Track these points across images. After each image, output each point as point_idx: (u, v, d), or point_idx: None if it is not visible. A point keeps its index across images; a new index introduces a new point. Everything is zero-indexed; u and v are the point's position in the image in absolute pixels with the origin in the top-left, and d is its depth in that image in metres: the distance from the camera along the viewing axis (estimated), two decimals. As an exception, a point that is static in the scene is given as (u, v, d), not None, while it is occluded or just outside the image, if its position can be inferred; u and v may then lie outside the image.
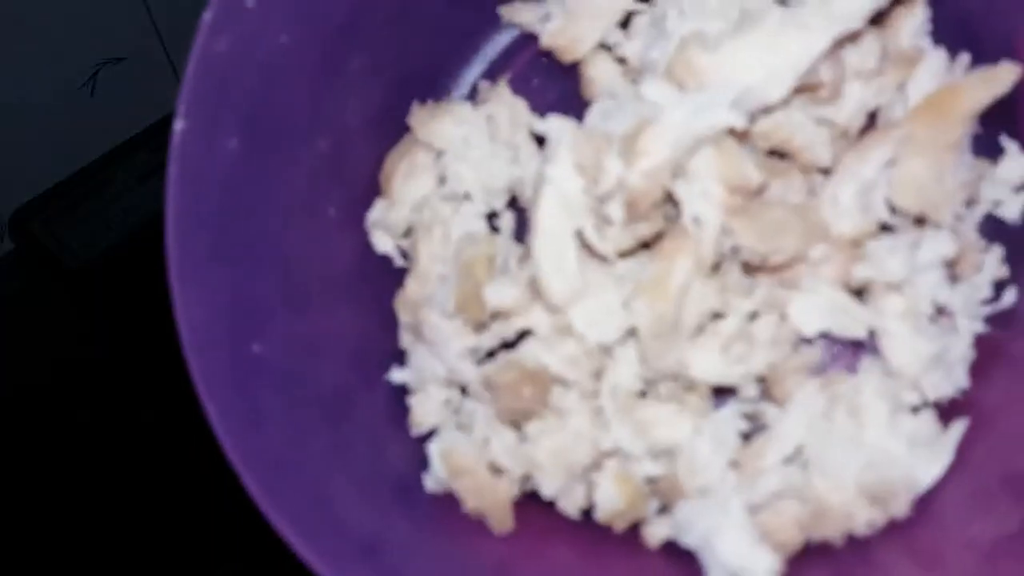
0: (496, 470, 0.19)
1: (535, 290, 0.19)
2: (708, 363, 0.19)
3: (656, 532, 0.19)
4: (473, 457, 0.19)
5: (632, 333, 0.19)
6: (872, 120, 0.21)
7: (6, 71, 0.54)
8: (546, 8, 0.22)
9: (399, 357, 0.21)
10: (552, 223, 0.19)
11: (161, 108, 0.65)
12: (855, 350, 0.21)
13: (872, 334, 0.20)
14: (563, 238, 0.19)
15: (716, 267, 0.19)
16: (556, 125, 0.19)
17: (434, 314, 0.19)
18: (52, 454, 0.52)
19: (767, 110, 0.19)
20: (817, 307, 0.19)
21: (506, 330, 0.19)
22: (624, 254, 0.19)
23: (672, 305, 0.18)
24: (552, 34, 0.21)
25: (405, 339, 0.20)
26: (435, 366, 0.20)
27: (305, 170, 0.20)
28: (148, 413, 0.53)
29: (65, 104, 0.59)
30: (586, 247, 0.19)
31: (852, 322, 0.19)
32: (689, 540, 0.18)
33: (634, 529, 0.19)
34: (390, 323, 0.21)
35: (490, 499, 0.19)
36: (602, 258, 0.19)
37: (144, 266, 0.57)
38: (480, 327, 0.19)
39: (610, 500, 0.19)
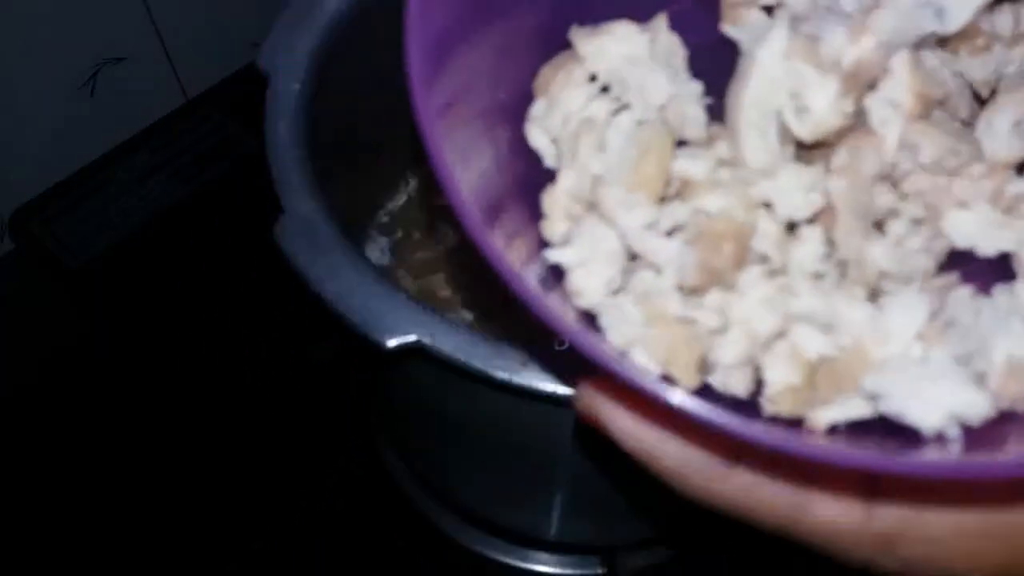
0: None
1: (724, 167, 0.20)
2: (884, 255, 0.20)
3: (826, 415, 0.18)
4: (670, 305, 0.19)
5: (816, 217, 0.20)
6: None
7: (6, 71, 0.54)
8: None
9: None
10: (757, 99, 0.20)
11: (161, 108, 0.65)
12: (987, 276, 0.21)
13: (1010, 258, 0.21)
14: (766, 115, 0.20)
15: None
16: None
17: (613, 189, 0.20)
18: (52, 454, 0.52)
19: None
20: (971, 221, 0.20)
21: (684, 211, 0.20)
22: (812, 146, 0.20)
23: (865, 190, 0.19)
24: None
25: (553, 228, 0.21)
26: (607, 241, 0.20)
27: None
28: (148, 413, 0.53)
29: (65, 104, 0.59)
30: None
31: (1003, 236, 0.20)
32: (888, 406, 0.18)
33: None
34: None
35: (682, 350, 0.18)
36: (797, 143, 0.20)
37: (144, 266, 0.58)
38: (661, 201, 0.20)
39: (783, 377, 0.19)
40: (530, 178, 0.21)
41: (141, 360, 0.55)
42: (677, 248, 0.19)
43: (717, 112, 0.21)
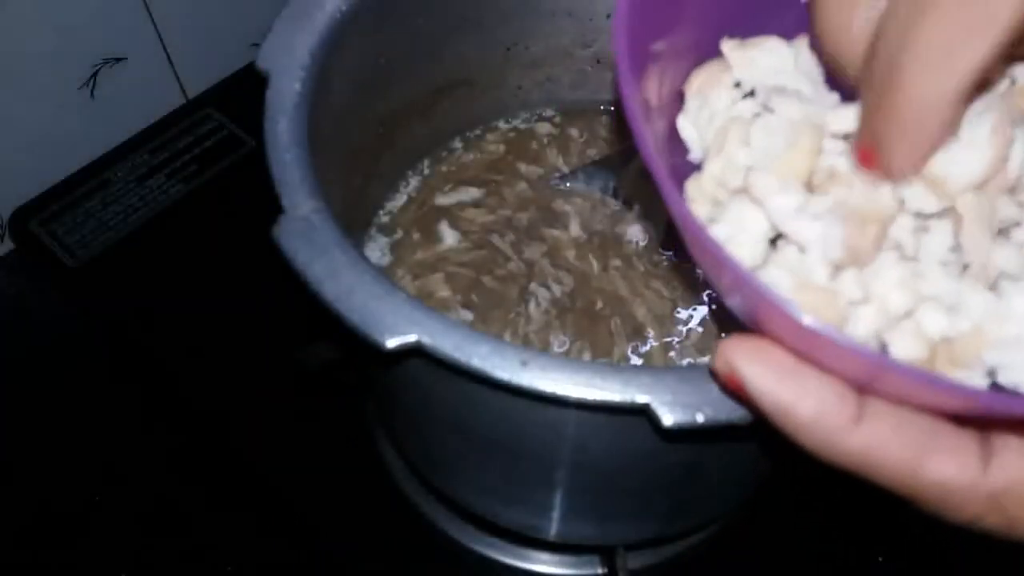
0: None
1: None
2: (1007, 258, 0.21)
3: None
4: (816, 276, 0.21)
5: (945, 213, 0.21)
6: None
7: (6, 71, 0.54)
8: None
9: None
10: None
11: (161, 108, 0.65)
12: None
13: None
14: None
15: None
16: None
17: (764, 175, 0.21)
18: (51, 454, 0.52)
19: None
20: None
21: (829, 199, 0.21)
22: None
23: (990, 202, 0.21)
24: None
25: (698, 210, 0.23)
26: (754, 221, 0.22)
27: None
28: (148, 413, 0.53)
29: (65, 104, 0.59)
30: None
31: None
32: (1007, 376, 0.20)
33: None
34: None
35: (826, 313, 0.20)
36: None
37: (144, 266, 0.58)
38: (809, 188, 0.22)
39: (909, 351, 0.20)
40: (678, 169, 0.24)
41: (141, 360, 0.55)
42: (823, 228, 0.21)
43: None
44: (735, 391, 0.21)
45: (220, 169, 0.62)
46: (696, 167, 0.24)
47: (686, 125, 0.24)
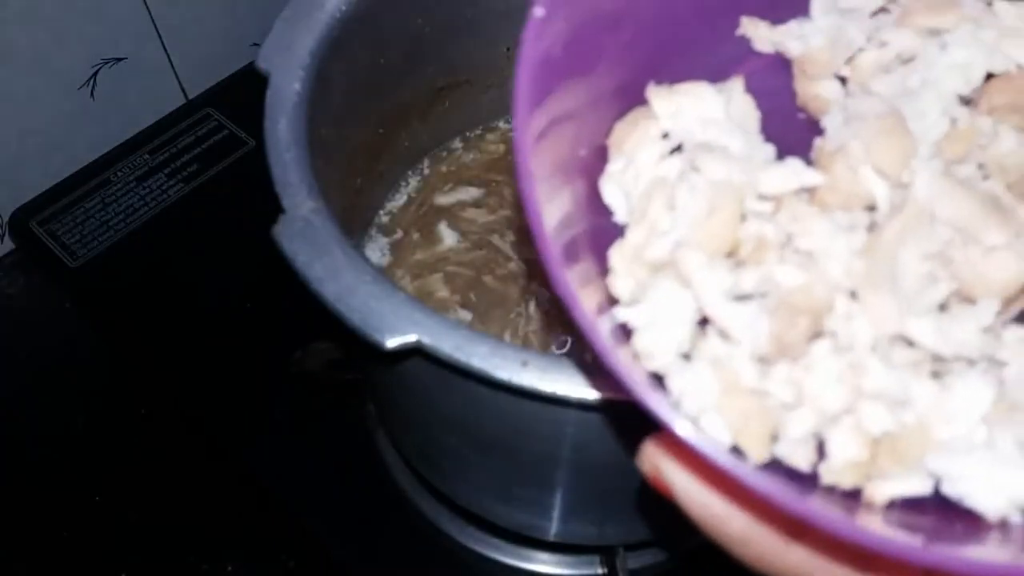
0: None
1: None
2: (929, 335, 0.19)
3: (885, 489, 0.19)
4: (743, 376, 0.19)
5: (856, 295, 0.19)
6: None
7: (6, 71, 0.54)
8: (800, 30, 0.24)
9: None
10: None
11: (161, 108, 0.65)
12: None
13: None
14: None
15: None
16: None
17: (693, 252, 0.20)
18: (51, 454, 0.52)
19: None
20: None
21: (757, 275, 0.20)
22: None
23: (891, 266, 0.19)
24: (806, 53, 0.23)
25: (620, 284, 0.21)
26: (679, 303, 0.20)
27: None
28: (147, 413, 0.53)
29: (65, 104, 0.59)
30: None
31: None
32: (950, 488, 0.18)
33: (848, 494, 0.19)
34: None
35: (755, 422, 0.18)
36: None
37: (144, 266, 0.58)
38: (736, 264, 0.20)
39: (848, 452, 0.19)
40: (602, 232, 0.22)
41: (141, 360, 0.55)
42: (751, 316, 0.19)
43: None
44: (663, 493, 0.19)
45: (220, 169, 0.62)
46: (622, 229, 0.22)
47: (609, 187, 0.22)
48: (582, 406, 0.26)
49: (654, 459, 0.19)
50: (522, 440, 0.32)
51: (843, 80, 0.23)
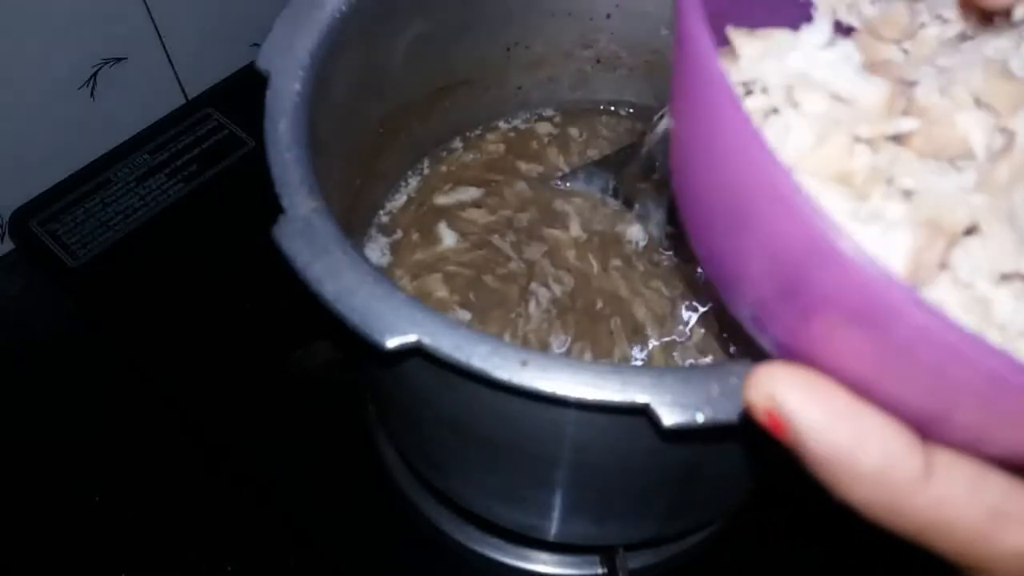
0: None
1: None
2: None
3: None
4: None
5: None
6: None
7: (6, 71, 0.54)
8: None
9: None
10: None
11: (161, 108, 0.65)
12: None
13: None
14: None
15: None
16: None
17: (806, 177, 0.19)
18: (51, 454, 0.52)
19: None
20: None
21: (893, 204, 0.19)
22: None
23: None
24: (885, 14, 0.23)
25: None
26: None
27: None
28: (147, 413, 0.53)
29: (65, 104, 0.59)
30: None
31: None
32: None
33: None
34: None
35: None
36: None
37: (144, 266, 0.58)
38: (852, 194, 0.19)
39: None
40: None
41: (141, 360, 0.55)
42: (885, 236, 0.18)
43: None
44: (774, 430, 0.17)
45: (220, 169, 0.62)
46: None
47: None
48: (582, 406, 0.26)
49: (770, 387, 0.16)
50: (522, 440, 0.32)
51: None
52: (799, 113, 0.20)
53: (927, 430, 0.16)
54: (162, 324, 0.55)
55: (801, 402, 0.16)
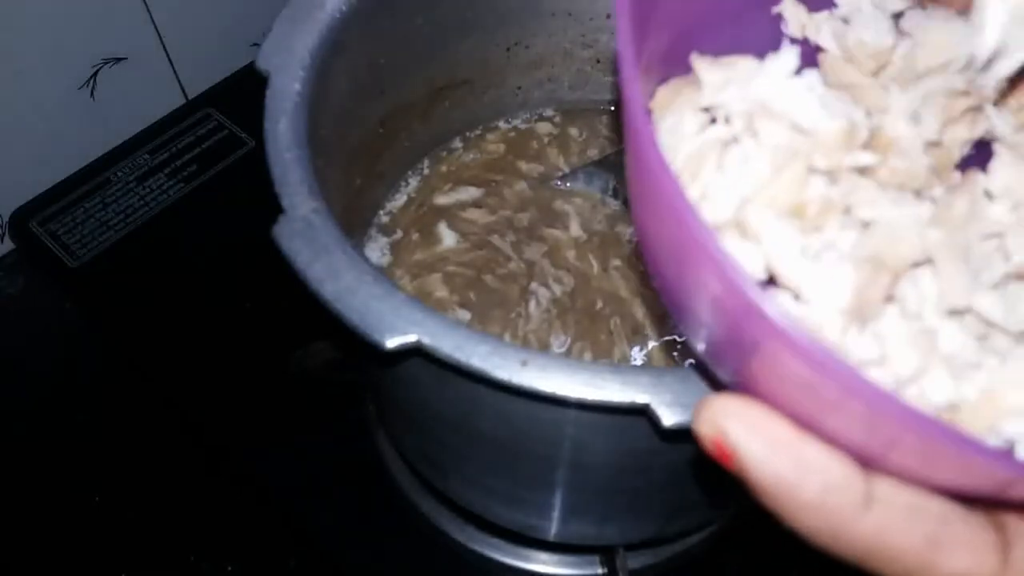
0: None
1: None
2: (993, 306, 0.19)
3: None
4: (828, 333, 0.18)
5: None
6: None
7: (6, 71, 0.54)
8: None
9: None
10: None
11: (161, 108, 0.65)
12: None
13: None
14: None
15: None
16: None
17: (761, 209, 0.19)
18: (51, 454, 0.52)
19: None
20: None
21: (842, 238, 0.19)
22: None
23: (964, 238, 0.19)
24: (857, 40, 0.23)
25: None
26: (747, 262, 0.19)
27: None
28: (147, 413, 0.53)
29: (65, 104, 0.59)
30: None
31: None
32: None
33: None
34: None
35: None
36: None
37: (144, 266, 0.58)
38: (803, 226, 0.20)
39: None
40: None
41: (141, 360, 0.55)
42: (823, 275, 0.18)
43: None
44: (720, 459, 0.18)
45: (220, 169, 0.62)
46: None
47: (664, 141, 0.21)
48: (582, 406, 0.26)
49: (718, 418, 0.17)
50: (522, 440, 0.32)
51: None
52: (758, 143, 0.20)
53: (867, 464, 0.17)
54: (162, 324, 0.55)
55: (745, 434, 0.17)
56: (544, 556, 0.47)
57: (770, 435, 0.17)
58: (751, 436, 0.17)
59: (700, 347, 0.20)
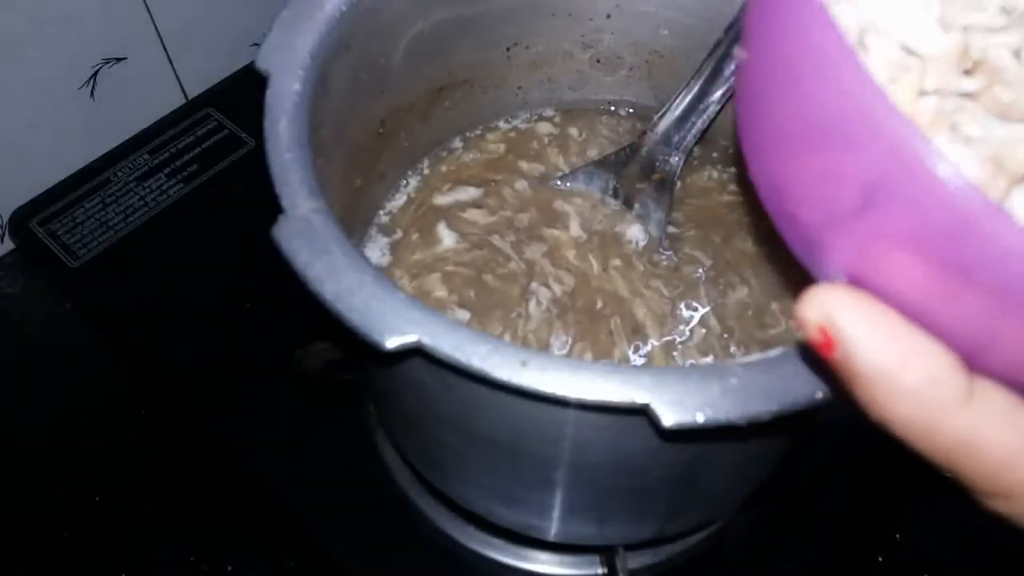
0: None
1: None
2: None
3: None
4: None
5: None
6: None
7: (6, 71, 0.54)
8: None
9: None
10: None
11: (161, 108, 0.65)
12: None
13: None
14: None
15: None
16: None
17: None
18: (51, 454, 0.52)
19: None
20: None
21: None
22: None
23: None
24: None
25: None
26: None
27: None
28: (147, 413, 0.53)
29: (65, 104, 0.59)
30: None
31: None
32: None
33: None
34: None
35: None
36: None
37: (144, 266, 0.58)
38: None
39: None
40: None
41: (141, 360, 0.55)
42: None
43: None
44: (823, 347, 0.18)
45: (220, 169, 0.62)
46: None
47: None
48: (582, 406, 0.26)
49: (825, 304, 0.17)
50: (522, 440, 0.32)
51: None
52: (870, 59, 0.20)
53: (972, 361, 0.17)
54: (162, 324, 0.55)
55: (854, 320, 0.17)
56: (544, 556, 0.47)
57: (879, 323, 0.17)
58: (860, 321, 0.17)
59: (812, 237, 0.19)
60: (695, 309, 0.43)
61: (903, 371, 0.17)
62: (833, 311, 0.17)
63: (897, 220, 0.16)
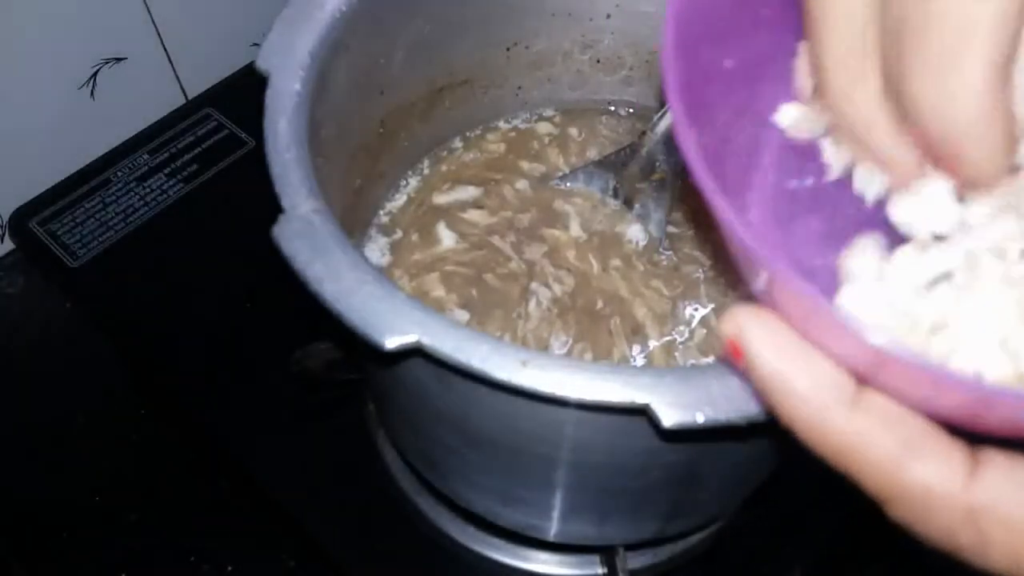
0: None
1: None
2: None
3: None
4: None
5: None
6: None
7: (6, 71, 0.54)
8: None
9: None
10: None
11: (161, 108, 0.65)
12: None
13: None
14: None
15: None
16: None
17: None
18: (51, 453, 0.52)
19: None
20: None
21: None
22: None
23: None
24: None
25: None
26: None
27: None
28: (147, 413, 0.53)
29: (65, 104, 0.59)
30: None
31: None
32: None
33: None
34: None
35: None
36: None
37: (144, 266, 0.58)
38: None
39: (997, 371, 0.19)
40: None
41: (141, 360, 0.55)
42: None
43: None
44: (733, 355, 0.21)
45: (220, 169, 0.62)
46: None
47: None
48: (582, 406, 0.26)
49: (739, 319, 0.20)
50: (522, 440, 0.32)
51: None
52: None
53: (862, 381, 0.19)
54: (162, 324, 0.55)
55: (758, 334, 0.20)
56: (544, 556, 0.47)
57: (779, 338, 0.20)
58: (762, 336, 0.20)
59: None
60: (695, 309, 0.43)
61: (795, 377, 0.19)
62: (744, 324, 0.20)
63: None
